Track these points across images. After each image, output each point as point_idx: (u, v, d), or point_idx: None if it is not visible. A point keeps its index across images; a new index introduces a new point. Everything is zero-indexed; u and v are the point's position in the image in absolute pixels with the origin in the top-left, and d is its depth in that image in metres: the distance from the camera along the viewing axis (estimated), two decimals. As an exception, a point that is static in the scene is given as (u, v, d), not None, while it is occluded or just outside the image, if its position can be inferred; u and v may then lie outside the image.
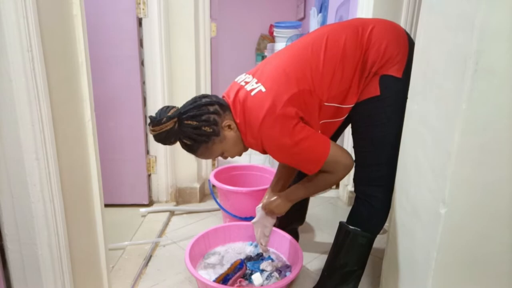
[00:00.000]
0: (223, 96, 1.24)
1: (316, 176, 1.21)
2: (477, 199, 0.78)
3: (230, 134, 1.18)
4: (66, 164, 1.01)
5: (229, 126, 1.17)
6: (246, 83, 1.18)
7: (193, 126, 1.13)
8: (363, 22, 1.19)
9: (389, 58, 1.12)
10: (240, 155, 1.27)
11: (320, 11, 2.90)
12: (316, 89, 1.12)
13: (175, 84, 2.03)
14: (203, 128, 1.13)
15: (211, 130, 1.14)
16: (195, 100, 1.17)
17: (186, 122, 1.12)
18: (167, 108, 1.14)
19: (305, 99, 1.11)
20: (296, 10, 4.32)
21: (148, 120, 1.14)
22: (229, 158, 1.29)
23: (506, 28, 0.68)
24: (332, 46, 1.14)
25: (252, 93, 1.13)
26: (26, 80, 0.85)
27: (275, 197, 1.34)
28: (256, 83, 1.15)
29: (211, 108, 1.15)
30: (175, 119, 1.11)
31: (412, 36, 1.28)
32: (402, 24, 1.76)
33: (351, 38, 1.14)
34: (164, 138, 1.13)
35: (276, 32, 3.14)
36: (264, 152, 1.20)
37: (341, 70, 1.13)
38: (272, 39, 4.08)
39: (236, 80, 1.25)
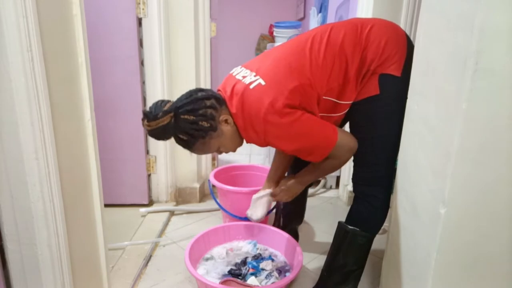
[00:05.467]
0: (219, 90, 1.23)
1: (323, 162, 1.21)
2: (477, 199, 0.78)
3: (227, 129, 1.17)
4: (66, 164, 1.01)
5: (226, 121, 1.16)
6: (244, 77, 1.16)
7: (190, 120, 1.10)
8: (362, 21, 1.19)
9: (388, 56, 1.12)
10: (235, 150, 1.27)
11: (320, 11, 2.90)
12: (315, 83, 1.12)
13: (175, 84, 2.03)
14: (200, 123, 1.11)
15: (209, 125, 1.12)
16: (190, 94, 1.15)
17: (182, 116, 1.10)
18: (162, 102, 1.12)
19: (305, 92, 1.11)
20: (296, 10, 4.32)
21: (142, 115, 1.11)
22: (229, 157, 1.28)
23: (506, 28, 0.68)
24: (331, 41, 1.14)
25: (251, 86, 1.12)
26: (26, 80, 0.85)
27: (289, 179, 1.39)
28: (255, 76, 1.14)
29: (208, 102, 1.13)
30: (172, 114, 1.09)
31: (412, 36, 1.29)
32: (402, 24, 1.76)
33: (350, 34, 1.14)
34: (160, 134, 1.11)
35: (276, 32, 3.13)
36: (266, 144, 1.19)
37: (339, 64, 1.13)
38: (272, 39, 4.07)
39: (231, 73, 1.23)
